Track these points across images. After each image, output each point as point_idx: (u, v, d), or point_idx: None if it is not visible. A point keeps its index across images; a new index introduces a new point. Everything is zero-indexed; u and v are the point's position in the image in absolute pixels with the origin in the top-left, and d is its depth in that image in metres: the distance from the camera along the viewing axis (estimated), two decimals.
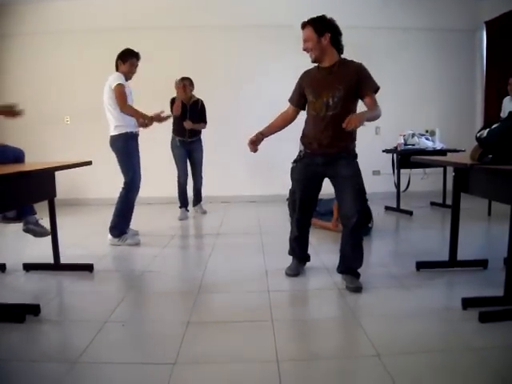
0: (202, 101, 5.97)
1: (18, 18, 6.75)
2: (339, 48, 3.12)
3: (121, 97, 4.19)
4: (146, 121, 4.26)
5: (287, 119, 3.39)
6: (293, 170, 3.34)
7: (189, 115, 5.80)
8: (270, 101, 6.86)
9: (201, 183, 6.18)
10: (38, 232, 3.56)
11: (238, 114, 6.93)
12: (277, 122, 3.43)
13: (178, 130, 5.87)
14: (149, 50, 4.81)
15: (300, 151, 3.25)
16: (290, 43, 6.74)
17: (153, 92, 5.88)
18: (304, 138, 3.24)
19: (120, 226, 4.46)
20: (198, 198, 6.27)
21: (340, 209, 3.20)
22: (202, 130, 6.03)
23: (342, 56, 3.15)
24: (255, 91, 6.96)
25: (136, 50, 4.37)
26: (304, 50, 3.12)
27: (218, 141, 6.71)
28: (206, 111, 6.00)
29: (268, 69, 6.93)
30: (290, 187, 3.39)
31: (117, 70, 4.36)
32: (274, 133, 3.41)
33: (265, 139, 3.31)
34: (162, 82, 6.01)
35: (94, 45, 6.77)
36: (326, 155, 3.09)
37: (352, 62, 3.12)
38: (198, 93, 6.03)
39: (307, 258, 3.56)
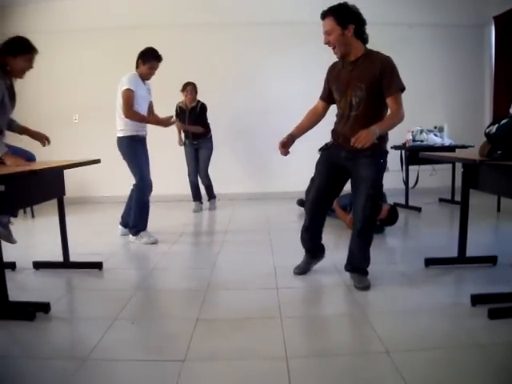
0: (201, 104, 6.06)
1: (24, 17, 6.76)
2: (363, 38, 2.89)
3: (127, 102, 4.20)
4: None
5: (317, 116, 3.22)
6: (319, 158, 3.19)
7: (188, 120, 5.99)
8: (275, 98, 6.90)
9: (207, 181, 6.27)
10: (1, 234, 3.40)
11: (246, 112, 6.92)
12: (307, 120, 3.23)
13: (184, 134, 6.16)
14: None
15: (329, 141, 3.16)
16: (293, 41, 6.77)
17: (157, 90, 5.90)
18: (333, 132, 3.13)
19: (137, 224, 4.49)
20: (209, 194, 6.38)
21: (353, 207, 3.18)
22: (210, 129, 6.16)
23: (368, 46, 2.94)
24: (261, 88, 6.95)
25: (159, 52, 4.33)
26: (326, 43, 2.90)
27: (226, 138, 6.72)
28: (205, 114, 6.10)
29: (273, 66, 6.90)
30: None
31: (137, 67, 4.35)
32: (304, 132, 3.20)
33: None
34: (166, 80, 6.02)
35: (101, 43, 6.79)
36: (351, 150, 2.89)
37: (378, 54, 2.88)
38: (202, 92, 6.09)
39: (318, 253, 3.41)
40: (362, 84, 2.83)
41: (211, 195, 6.38)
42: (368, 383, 1.98)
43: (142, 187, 4.38)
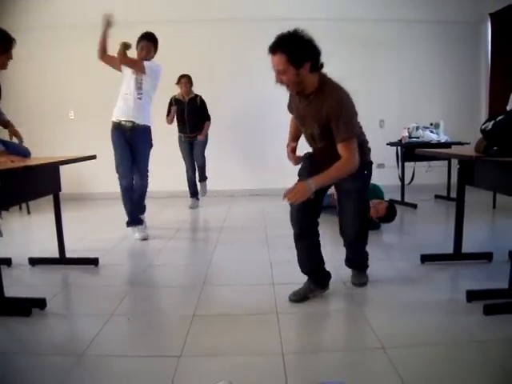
0: (201, 96, 6.07)
1: (22, 13, 6.73)
2: (318, 67, 2.49)
3: (135, 61, 4.40)
4: None
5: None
6: (301, 166, 2.95)
7: (186, 112, 5.97)
8: (272, 94, 6.87)
9: (201, 160, 6.20)
10: None
11: (243, 108, 6.92)
12: (293, 130, 2.98)
13: (180, 126, 6.08)
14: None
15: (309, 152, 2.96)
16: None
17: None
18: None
19: (128, 216, 4.54)
20: (201, 175, 6.31)
21: (340, 222, 2.98)
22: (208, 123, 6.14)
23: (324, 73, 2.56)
24: (258, 85, 6.92)
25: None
26: (278, 83, 2.51)
27: (223, 135, 6.71)
28: (206, 107, 6.10)
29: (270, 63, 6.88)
30: None
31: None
32: (297, 139, 2.96)
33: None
34: (168, 75, 6.02)
35: (97, 40, 6.75)
36: None
37: (330, 91, 2.49)
38: (200, 87, 6.10)
39: (321, 278, 2.95)
40: (315, 123, 2.59)
41: (203, 177, 6.31)
42: (364, 379, 1.99)
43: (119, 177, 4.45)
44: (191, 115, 5.98)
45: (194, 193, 6.30)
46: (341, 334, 2.52)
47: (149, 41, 4.45)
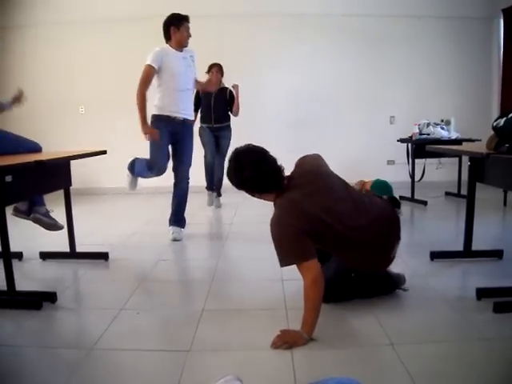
0: (231, 90, 5.86)
1: (33, 9, 6.76)
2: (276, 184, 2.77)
3: (141, 78, 3.97)
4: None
5: None
6: None
7: (213, 104, 5.76)
8: (288, 89, 6.87)
9: (221, 173, 5.97)
10: (46, 223, 3.54)
11: (251, 103, 6.90)
12: None
13: (204, 117, 5.83)
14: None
15: None
16: (308, 31, 6.74)
17: None
18: None
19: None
20: (217, 191, 6.13)
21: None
22: (230, 118, 6.00)
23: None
24: (274, 79, 6.91)
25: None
26: None
27: (234, 128, 6.69)
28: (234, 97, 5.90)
29: (285, 57, 6.86)
30: None
31: (169, 39, 4.11)
32: None
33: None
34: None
35: (108, 34, 6.77)
36: None
37: (274, 212, 2.77)
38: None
39: None
40: None
41: (219, 192, 6.15)
42: (372, 375, 1.98)
43: (151, 167, 4.26)
44: (217, 108, 5.77)
45: (210, 185, 6.04)
46: (349, 330, 2.51)
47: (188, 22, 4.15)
